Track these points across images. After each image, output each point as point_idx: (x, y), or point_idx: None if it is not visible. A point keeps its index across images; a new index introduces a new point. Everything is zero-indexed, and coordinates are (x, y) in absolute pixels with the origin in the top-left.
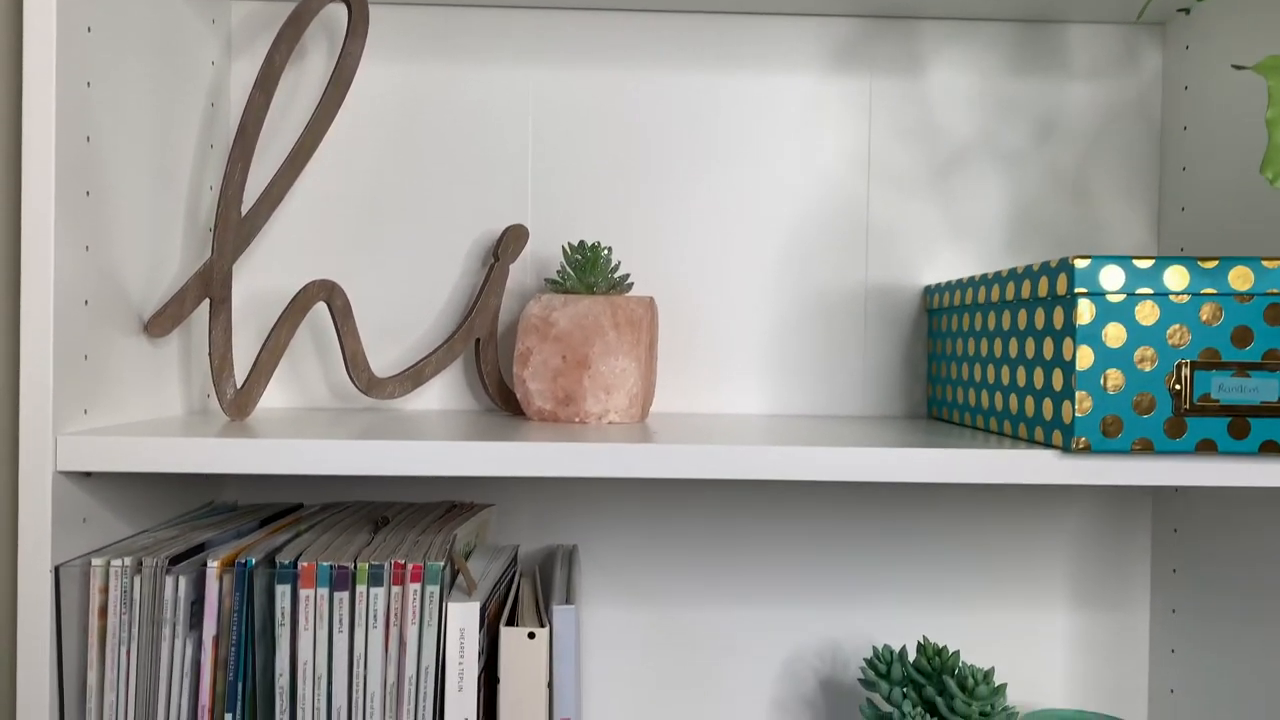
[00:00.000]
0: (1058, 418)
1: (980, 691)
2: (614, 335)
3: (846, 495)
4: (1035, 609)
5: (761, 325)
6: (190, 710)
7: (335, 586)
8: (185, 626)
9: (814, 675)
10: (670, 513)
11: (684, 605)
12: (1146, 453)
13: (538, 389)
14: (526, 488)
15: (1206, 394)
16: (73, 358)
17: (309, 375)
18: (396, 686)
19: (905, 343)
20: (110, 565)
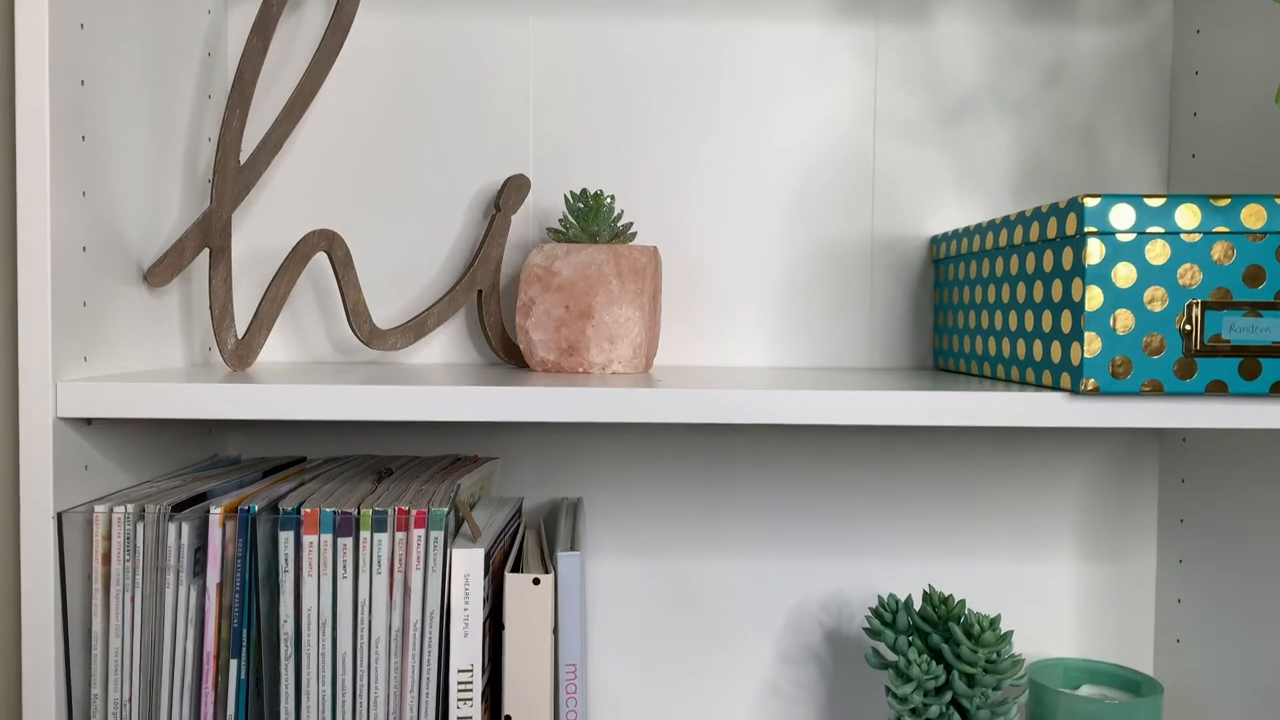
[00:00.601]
0: (1066, 360)
1: (986, 638)
2: (617, 284)
3: (852, 446)
4: (1042, 560)
5: (765, 277)
6: (195, 656)
7: (339, 533)
8: (189, 574)
9: (819, 626)
10: (675, 465)
11: (689, 557)
12: (1156, 394)
13: (541, 339)
14: (531, 441)
15: (1217, 334)
16: (71, 304)
17: (310, 329)
18: (402, 632)
19: (911, 294)
20: (113, 512)
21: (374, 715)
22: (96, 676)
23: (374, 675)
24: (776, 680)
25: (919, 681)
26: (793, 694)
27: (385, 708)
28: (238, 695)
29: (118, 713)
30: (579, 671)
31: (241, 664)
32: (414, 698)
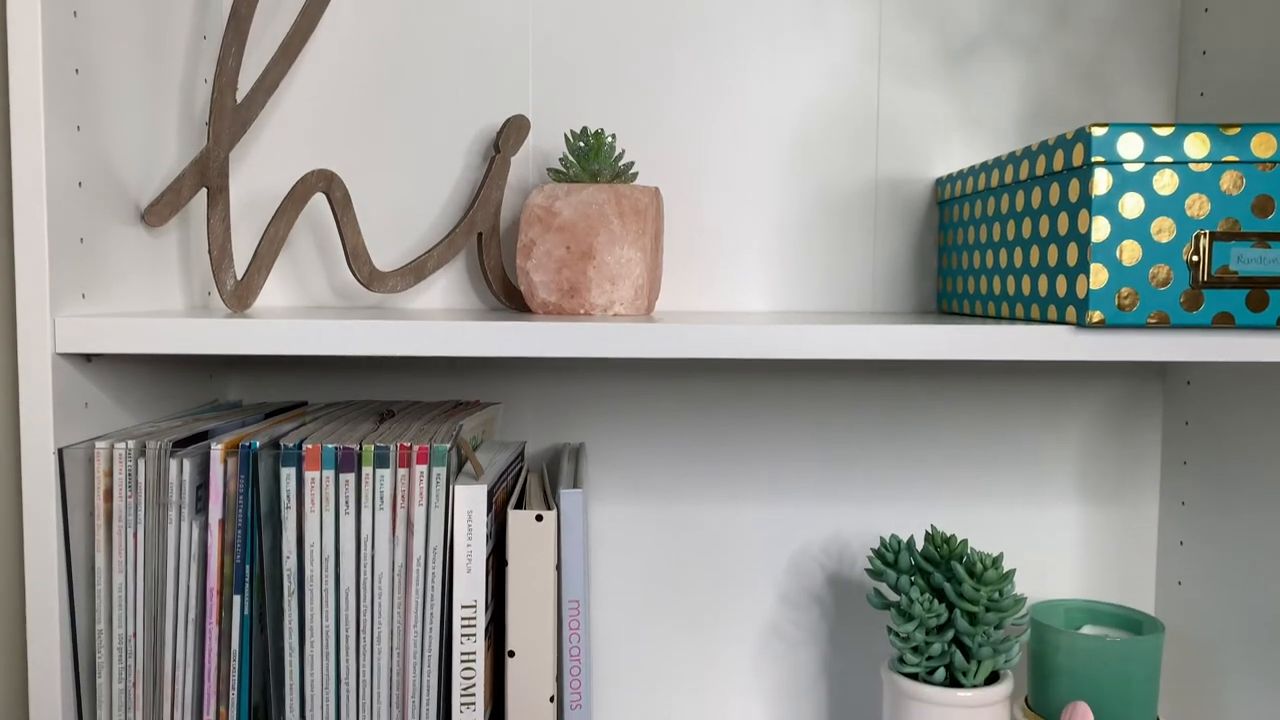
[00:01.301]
0: (1071, 293)
1: (989, 577)
2: (619, 224)
3: (854, 391)
4: (1044, 504)
5: (768, 220)
6: (199, 592)
7: (340, 469)
8: (191, 510)
9: (820, 570)
10: (677, 410)
11: (691, 502)
12: (1162, 327)
13: (541, 280)
14: (532, 386)
15: (1225, 265)
16: (68, 239)
17: (310, 275)
18: (405, 568)
19: (915, 237)
20: (114, 448)
21: (378, 650)
22: (101, 612)
23: (378, 611)
24: (778, 622)
25: (921, 620)
26: (794, 636)
27: (389, 643)
28: (242, 630)
29: (123, 648)
30: (582, 608)
31: (245, 599)
32: (417, 633)
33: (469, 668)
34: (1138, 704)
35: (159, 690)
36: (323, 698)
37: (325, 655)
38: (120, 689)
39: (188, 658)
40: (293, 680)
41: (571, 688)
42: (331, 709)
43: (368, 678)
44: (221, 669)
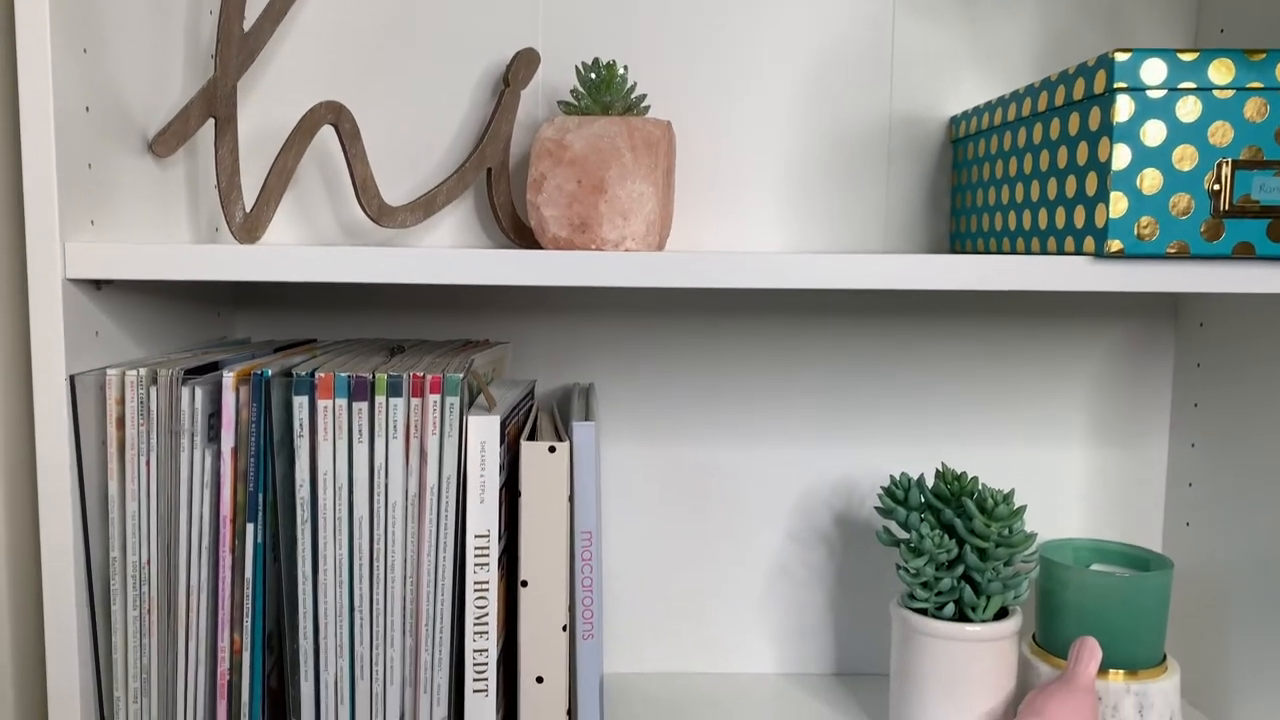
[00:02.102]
0: (1090, 223)
1: (1000, 512)
2: (631, 158)
3: (865, 331)
4: (1054, 445)
5: (780, 158)
6: (212, 520)
7: (354, 397)
8: (204, 438)
9: (829, 510)
10: (687, 351)
11: (700, 443)
12: (1182, 257)
13: (552, 215)
14: (542, 326)
15: (1247, 194)
16: (76, 164)
17: (317, 212)
18: (418, 497)
19: (929, 177)
20: (125, 376)
21: (391, 579)
22: (114, 539)
23: (391, 539)
24: (786, 562)
25: (931, 555)
26: (802, 575)
27: (402, 571)
28: (255, 558)
29: (137, 575)
30: (594, 539)
31: (258, 528)
32: (431, 561)
33: (482, 597)
34: (1146, 640)
35: (174, 617)
36: (336, 625)
37: (339, 583)
38: (135, 616)
39: (201, 585)
40: (306, 608)
41: (584, 618)
42: (345, 636)
43: (381, 606)
44: (235, 596)
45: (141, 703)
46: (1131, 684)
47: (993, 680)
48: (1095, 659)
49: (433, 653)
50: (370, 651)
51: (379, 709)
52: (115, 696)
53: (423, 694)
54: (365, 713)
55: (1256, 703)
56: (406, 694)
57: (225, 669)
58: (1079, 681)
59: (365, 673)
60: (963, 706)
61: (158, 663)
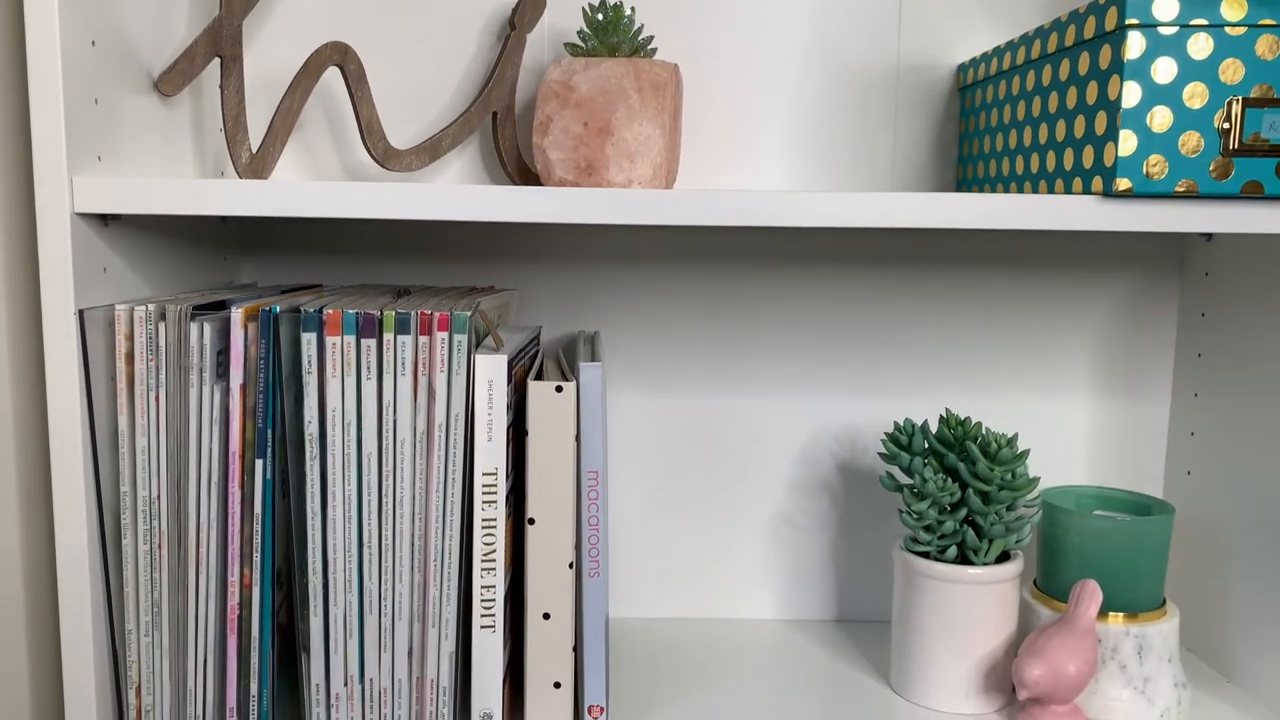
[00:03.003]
0: (1099, 163)
1: (1003, 456)
2: (637, 100)
3: (870, 279)
4: (1058, 395)
5: (787, 105)
6: (221, 456)
7: (362, 334)
8: (212, 375)
9: (832, 459)
10: (692, 300)
11: (705, 392)
12: (1191, 196)
13: (558, 158)
14: (547, 274)
15: (1256, 133)
16: (83, 99)
17: (323, 156)
18: (426, 434)
19: (936, 125)
20: (134, 311)
21: (400, 515)
22: (124, 474)
23: (399, 476)
24: (789, 510)
25: (934, 498)
26: (805, 524)
27: (411, 508)
28: (264, 494)
29: (147, 510)
30: (600, 479)
31: (267, 464)
32: (439, 498)
33: (490, 534)
34: (1146, 584)
35: (184, 552)
36: (345, 561)
37: (348, 519)
38: (145, 550)
39: (211, 520)
40: (315, 544)
41: (590, 556)
42: (354, 572)
43: (390, 542)
44: (245, 532)
45: (153, 636)
46: (1131, 626)
47: (994, 623)
48: (1096, 601)
49: (441, 588)
50: (379, 587)
51: (387, 643)
52: (127, 630)
53: (431, 629)
54: (374, 647)
55: (1254, 649)
56: (415, 629)
57: (235, 603)
58: (1079, 623)
59: (374, 608)
60: (963, 649)
61: (169, 597)
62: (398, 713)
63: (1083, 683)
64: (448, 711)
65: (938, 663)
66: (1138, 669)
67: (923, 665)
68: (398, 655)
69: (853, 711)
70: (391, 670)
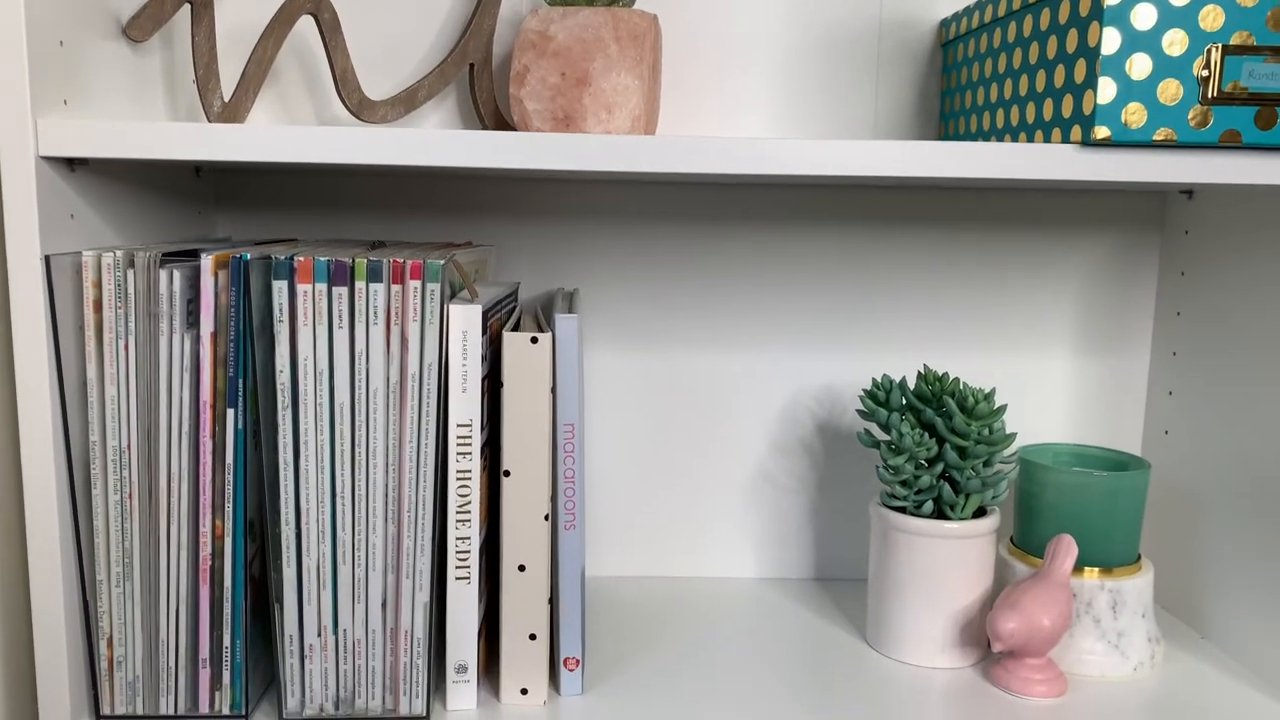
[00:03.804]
0: (1078, 111)
1: (980, 410)
2: (615, 50)
3: (850, 237)
4: (1038, 353)
5: (768, 61)
6: (192, 405)
7: (333, 282)
8: (183, 323)
9: (812, 419)
10: (672, 258)
11: (685, 350)
12: (1169, 145)
13: (535, 109)
14: (526, 230)
15: (1236, 81)
16: (47, 40)
17: (297, 108)
18: (399, 384)
19: (918, 82)
20: (102, 258)
21: (373, 465)
22: (94, 424)
23: (373, 426)
24: (769, 469)
25: (911, 453)
26: (785, 483)
27: (384, 458)
28: (236, 444)
29: (117, 460)
30: (577, 432)
31: (239, 413)
32: (412, 449)
33: (464, 485)
34: (1121, 539)
35: (155, 502)
36: (318, 511)
37: (320, 469)
38: (116, 500)
39: (182, 471)
40: (288, 494)
41: (566, 509)
42: (327, 522)
43: (363, 492)
44: (216, 482)
45: (124, 587)
46: (1106, 581)
47: (969, 578)
48: (1071, 556)
49: (415, 539)
50: (352, 537)
51: (360, 594)
52: (98, 580)
53: (405, 580)
54: (347, 598)
55: (1227, 606)
56: (389, 580)
57: (208, 554)
58: (1055, 577)
59: (347, 558)
60: (939, 604)
61: (140, 547)
62: (371, 664)
63: (1057, 636)
64: (422, 663)
65: (913, 617)
66: (1112, 623)
67: (898, 620)
68: (371, 606)
69: (827, 666)
70: (365, 621)
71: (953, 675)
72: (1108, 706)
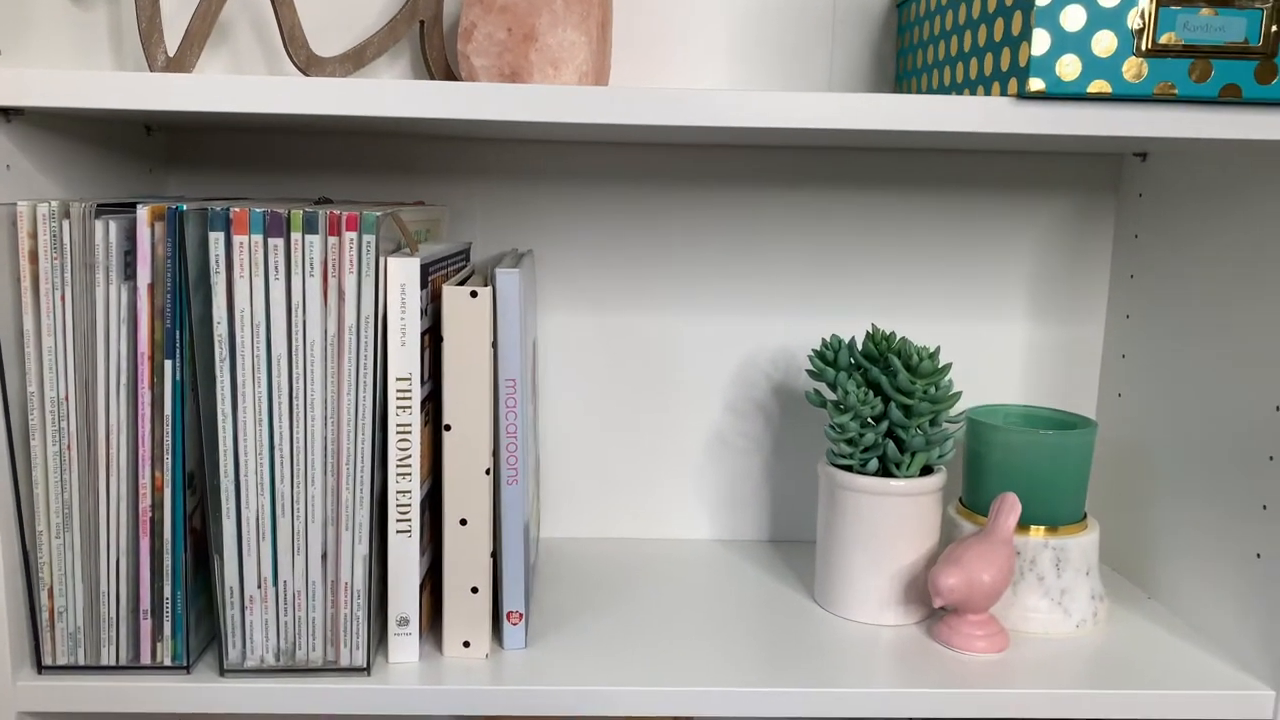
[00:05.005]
0: (1014, 64)
1: (924, 368)
2: (562, 5)
3: (810, 203)
4: (995, 318)
5: (723, 23)
6: (130, 356)
7: (269, 233)
8: (120, 274)
9: (766, 380)
10: (628, 221)
11: (640, 312)
12: (1103, 97)
13: (482, 65)
14: (482, 191)
15: (1171, 33)
16: None
17: (252, 67)
18: (337, 337)
19: (874, 43)
20: (37, 209)
21: (311, 417)
22: (31, 375)
23: (310, 378)
24: (724, 431)
25: (855, 410)
26: (740, 444)
27: (322, 410)
28: (174, 395)
29: (55, 410)
30: (519, 387)
31: (176, 365)
32: (350, 401)
33: (405, 439)
34: (1067, 498)
35: (94, 454)
36: (256, 463)
37: (258, 421)
38: (55, 452)
39: (121, 422)
40: (226, 446)
41: (508, 464)
42: (265, 474)
43: (301, 444)
44: (155, 434)
45: (64, 538)
46: (1050, 539)
47: (915, 536)
48: (1015, 513)
49: (354, 491)
50: (291, 489)
51: (300, 546)
52: (38, 530)
53: (344, 532)
54: (287, 550)
55: (1173, 567)
56: (329, 532)
57: (148, 505)
58: (998, 534)
59: (286, 510)
60: (884, 562)
61: (79, 499)
62: (312, 615)
63: (997, 592)
64: (362, 615)
65: (859, 575)
66: (1055, 580)
67: (845, 578)
68: (311, 558)
69: (773, 624)
70: (306, 573)
71: (897, 632)
72: (1047, 662)
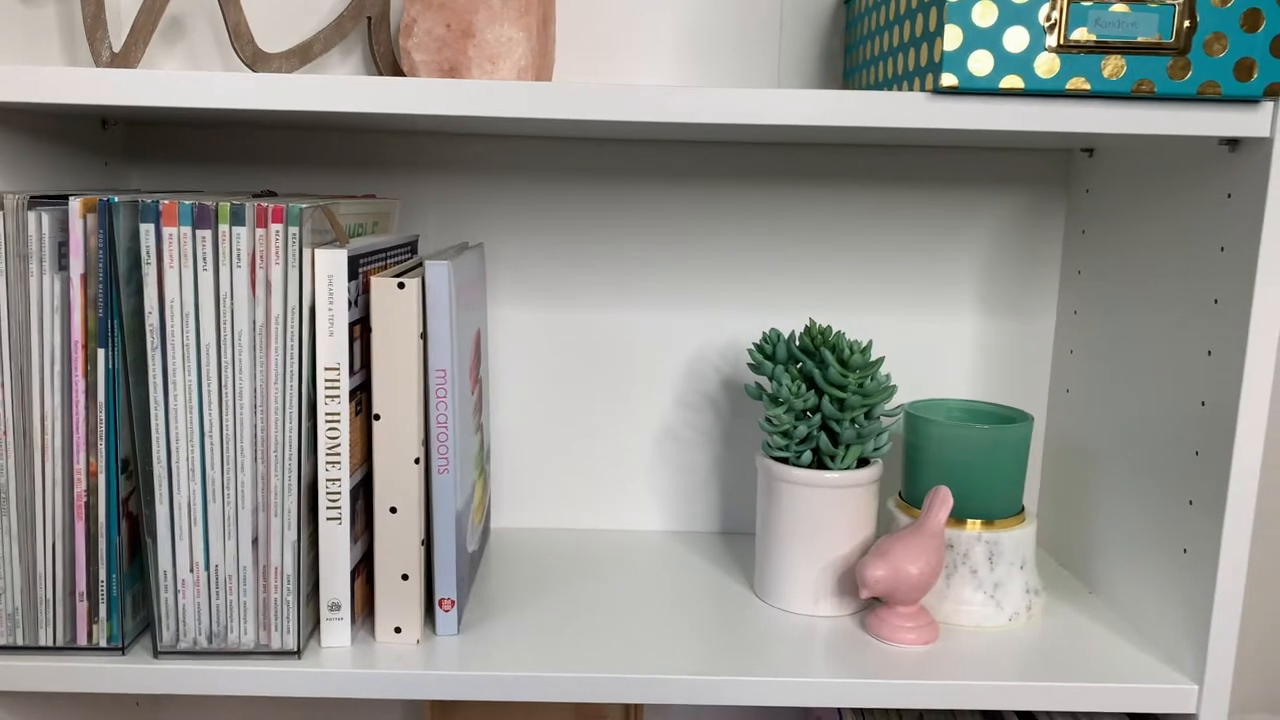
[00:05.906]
0: (930, 60)
1: (855, 362)
2: (499, 2)
3: (759, 199)
4: (946, 314)
5: (670, 19)
6: (64, 345)
7: (197, 225)
8: (53, 265)
9: (716, 374)
10: (579, 215)
11: (590, 307)
12: (1016, 93)
13: (422, 60)
14: (434, 186)
15: (1083, 29)
16: None
17: (207, 62)
18: (265, 327)
19: (823, 39)
20: None
21: (240, 406)
22: None
23: (239, 367)
24: (673, 424)
25: (789, 403)
26: (689, 438)
27: (251, 399)
28: (108, 383)
29: None
30: (450, 378)
31: (110, 353)
32: (279, 390)
33: (334, 428)
34: (1003, 492)
35: (29, 440)
36: (188, 450)
37: (189, 408)
38: None
39: (56, 409)
40: (159, 433)
41: (439, 453)
42: (197, 461)
43: (230, 432)
44: (90, 421)
45: (2, 522)
46: (984, 533)
47: (849, 528)
48: (946, 507)
49: (283, 478)
50: (221, 475)
51: (231, 531)
52: None
53: (275, 518)
54: (218, 535)
55: (1114, 562)
56: (259, 518)
57: (82, 490)
58: (929, 528)
59: (217, 496)
60: (819, 553)
61: (16, 484)
62: (244, 599)
63: (925, 585)
64: (292, 599)
65: (795, 566)
66: (988, 574)
67: (781, 569)
68: (242, 543)
69: (710, 614)
70: (237, 557)
71: (831, 623)
72: (975, 654)
